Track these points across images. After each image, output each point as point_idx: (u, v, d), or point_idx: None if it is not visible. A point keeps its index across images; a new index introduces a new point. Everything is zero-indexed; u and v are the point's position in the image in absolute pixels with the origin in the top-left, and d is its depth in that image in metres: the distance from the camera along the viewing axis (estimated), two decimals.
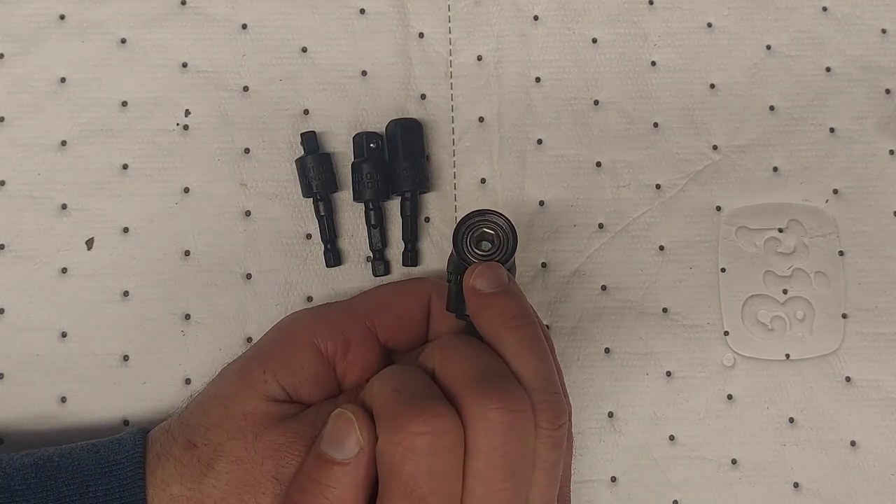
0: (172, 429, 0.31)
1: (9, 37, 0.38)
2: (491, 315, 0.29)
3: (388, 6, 0.40)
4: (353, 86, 0.39)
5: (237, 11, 0.39)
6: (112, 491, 0.29)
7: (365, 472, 0.27)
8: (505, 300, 0.29)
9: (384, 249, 0.37)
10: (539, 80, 0.40)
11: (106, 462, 0.30)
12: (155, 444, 0.31)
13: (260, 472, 0.29)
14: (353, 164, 0.37)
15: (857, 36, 0.41)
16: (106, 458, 0.30)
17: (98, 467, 0.30)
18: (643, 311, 0.38)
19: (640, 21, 0.40)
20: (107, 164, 0.38)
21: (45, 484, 0.29)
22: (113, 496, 0.29)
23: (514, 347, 0.28)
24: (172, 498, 0.29)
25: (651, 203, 0.39)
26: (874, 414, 0.37)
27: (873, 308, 0.38)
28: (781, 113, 0.40)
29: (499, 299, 0.29)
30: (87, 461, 0.30)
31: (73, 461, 0.30)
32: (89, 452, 0.31)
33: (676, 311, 0.38)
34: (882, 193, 0.39)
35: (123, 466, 0.30)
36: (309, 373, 0.31)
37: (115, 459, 0.30)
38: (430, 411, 0.25)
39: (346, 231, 0.38)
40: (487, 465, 0.25)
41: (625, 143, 0.39)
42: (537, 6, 0.40)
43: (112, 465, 0.30)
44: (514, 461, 0.26)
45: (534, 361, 0.28)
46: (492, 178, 0.39)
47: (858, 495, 0.37)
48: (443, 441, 0.25)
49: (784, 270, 0.38)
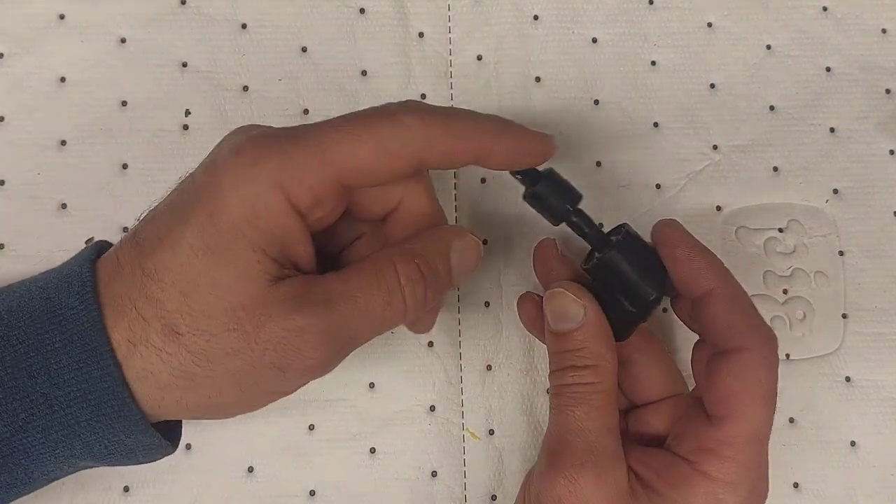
0: (137, 304, 0.26)
1: (9, 37, 0.38)
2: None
3: (388, 6, 0.40)
4: (353, 86, 0.39)
5: (237, 11, 0.39)
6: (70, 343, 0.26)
7: (599, 325, 0.30)
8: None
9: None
10: (539, 80, 0.40)
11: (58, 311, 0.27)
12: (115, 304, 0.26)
13: (261, 362, 0.26)
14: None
15: (857, 36, 0.41)
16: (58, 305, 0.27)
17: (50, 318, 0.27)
18: None
19: (640, 21, 0.40)
20: (107, 164, 0.38)
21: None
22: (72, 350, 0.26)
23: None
24: (160, 387, 0.26)
25: (651, 203, 0.39)
26: (874, 414, 0.37)
27: (873, 308, 0.38)
28: (781, 113, 0.40)
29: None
30: (40, 311, 0.27)
31: (24, 312, 0.27)
32: (39, 301, 0.27)
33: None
34: (882, 193, 0.39)
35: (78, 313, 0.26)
36: (295, 236, 0.27)
37: (67, 304, 0.27)
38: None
39: None
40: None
41: (625, 143, 0.39)
42: (537, 6, 0.40)
43: (66, 311, 0.26)
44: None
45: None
46: (492, 178, 0.39)
47: (858, 495, 0.37)
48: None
49: (784, 270, 0.38)
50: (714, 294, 0.30)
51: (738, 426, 0.28)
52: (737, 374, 0.29)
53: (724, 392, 0.29)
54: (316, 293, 0.26)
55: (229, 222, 0.26)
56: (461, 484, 0.36)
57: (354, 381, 0.37)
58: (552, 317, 0.31)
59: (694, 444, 0.29)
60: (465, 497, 0.36)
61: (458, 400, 0.37)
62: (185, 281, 0.26)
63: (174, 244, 0.26)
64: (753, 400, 0.28)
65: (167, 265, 0.26)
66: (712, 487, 0.28)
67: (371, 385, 0.37)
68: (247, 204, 0.26)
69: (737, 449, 0.28)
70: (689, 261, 0.30)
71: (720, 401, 0.29)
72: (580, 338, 0.30)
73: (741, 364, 0.29)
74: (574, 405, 0.30)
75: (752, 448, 0.29)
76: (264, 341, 0.26)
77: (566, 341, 0.30)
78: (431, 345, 0.37)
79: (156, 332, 0.26)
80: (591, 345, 0.30)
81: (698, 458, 0.29)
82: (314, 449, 0.36)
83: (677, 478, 0.29)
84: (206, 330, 0.26)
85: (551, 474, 0.29)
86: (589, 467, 0.28)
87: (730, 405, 0.28)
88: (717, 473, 0.28)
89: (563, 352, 0.30)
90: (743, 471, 0.28)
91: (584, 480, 0.28)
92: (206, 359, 0.26)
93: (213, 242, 0.26)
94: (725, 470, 0.28)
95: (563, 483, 0.28)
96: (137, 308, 0.26)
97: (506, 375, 0.37)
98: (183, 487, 0.36)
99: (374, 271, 0.27)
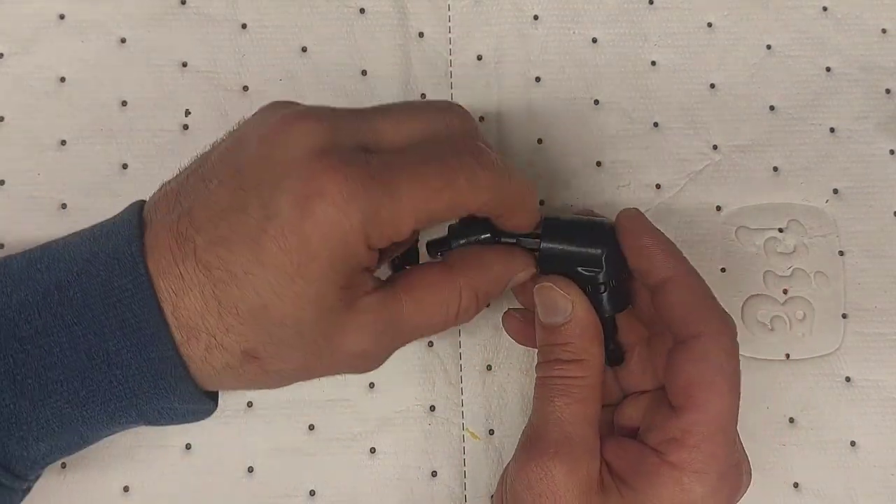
0: (217, 335, 0.27)
1: (9, 37, 0.38)
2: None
3: (388, 6, 0.40)
4: (353, 86, 0.39)
5: (237, 11, 0.39)
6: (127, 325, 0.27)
7: (587, 321, 0.31)
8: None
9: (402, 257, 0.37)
10: (539, 80, 0.40)
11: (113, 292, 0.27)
12: (181, 320, 0.27)
13: (328, 374, 0.29)
14: None
15: (857, 36, 0.41)
16: (109, 285, 0.27)
17: (105, 299, 0.27)
18: None
19: (640, 21, 0.40)
20: (107, 164, 0.38)
21: (51, 327, 0.27)
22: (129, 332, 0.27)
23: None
24: (219, 374, 0.27)
25: (651, 203, 0.39)
26: (874, 414, 0.37)
27: (873, 308, 0.38)
28: (781, 113, 0.40)
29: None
30: (92, 291, 0.27)
31: (75, 290, 0.27)
32: (89, 278, 0.27)
33: None
34: (882, 193, 0.39)
35: (132, 297, 0.26)
36: (367, 262, 0.28)
37: (121, 286, 0.27)
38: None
39: None
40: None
41: (625, 143, 0.39)
42: (537, 6, 0.40)
43: (120, 293, 0.26)
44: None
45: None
46: None
47: (858, 495, 0.37)
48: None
49: (784, 270, 0.38)
50: (672, 281, 0.30)
51: (700, 414, 0.28)
52: (695, 362, 0.29)
53: (685, 380, 0.29)
54: (388, 319, 0.28)
55: (317, 270, 0.26)
56: (461, 484, 0.36)
57: (354, 381, 0.37)
58: (542, 310, 0.31)
59: (661, 434, 0.29)
60: (465, 497, 0.36)
61: (458, 400, 0.37)
62: (267, 319, 0.26)
63: (254, 285, 0.26)
64: (714, 387, 0.28)
65: (248, 304, 0.26)
66: (678, 476, 0.28)
67: (371, 385, 0.37)
68: (334, 253, 0.26)
69: (700, 437, 0.28)
70: (648, 248, 0.30)
71: (681, 390, 0.29)
72: (568, 332, 0.30)
73: (699, 351, 0.29)
74: (555, 396, 0.30)
75: (717, 436, 0.28)
76: (338, 363, 0.28)
77: (554, 335, 0.31)
78: (431, 345, 0.37)
79: (234, 357, 0.27)
80: (578, 340, 0.30)
81: (665, 449, 0.29)
82: (314, 449, 0.36)
83: (646, 468, 0.29)
84: (287, 356, 0.27)
85: (525, 461, 0.29)
86: (562, 457, 0.29)
87: (690, 393, 0.28)
88: (682, 463, 0.28)
89: (550, 345, 0.31)
90: (709, 459, 0.28)
91: (556, 469, 0.29)
92: (280, 375, 0.28)
93: (298, 288, 0.26)
94: (691, 459, 0.28)
95: (534, 469, 0.29)
96: (217, 338, 0.27)
97: (506, 375, 0.37)
98: (183, 487, 0.36)
99: (445, 300, 0.29)
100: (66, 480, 0.35)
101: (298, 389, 0.36)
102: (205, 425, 0.36)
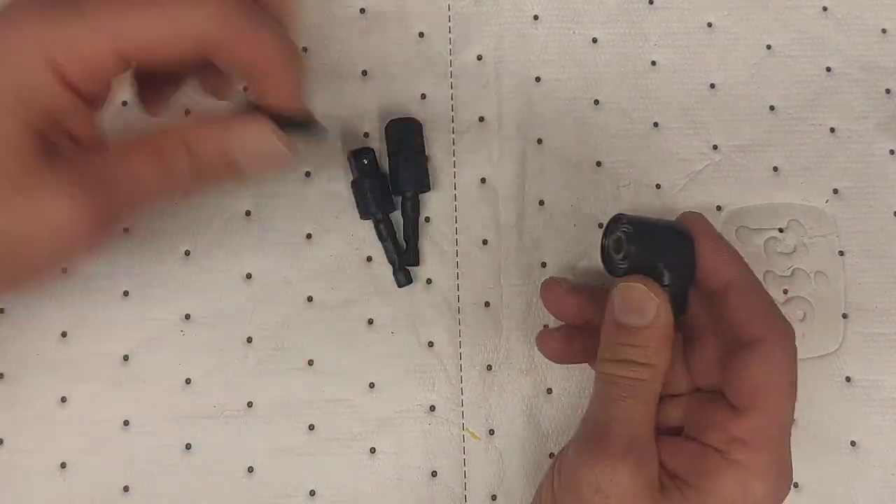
0: None
1: None
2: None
3: (388, 6, 0.40)
4: (353, 86, 0.39)
5: None
6: None
7: (668, 328, 0.30)
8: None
9: (402, 257, 0.37)
10: (539, 80, 0.40)
11: None
12: None
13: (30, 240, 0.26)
14: (353, 183, 0.37)
15: (857, 36, 0.41)
16: None
17: None
18: None
19: (640, 21, 0.40)
20: None
21: None
22: None
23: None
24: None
25: (651, 203, 0.39)
26: (874, 414, 0.37)
27: (873, 308, 0.38)
28: (781, 113, 0.40)
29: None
30: None
31: None
32: None
33: None
34: (882, 193, 0.39)
35: None
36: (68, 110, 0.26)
37: None
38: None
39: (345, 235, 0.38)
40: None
41: (625, 143, 0.39)
42: (537, 6, 0.40)
43: None
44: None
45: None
46: (492, 178, 0.39)
47: (858, 495, 0.37)
48: None
49: (784, 270, 0.38)
50: (735, 285, 0.30)
51: (766, 415, 0.29)
52: (761, 365, 0.29)
53: (751, 383, 0.29)
54: (91, 171, 0.26)
55: (2, 100, 0.24)
56: (461, 484, 0.36)
57: (354, 381, 0.37)
58: (623, 308, 0.30)
59: (723, 434, 0.29)
60: (465, 497, 0.36)
61: (458, 400, 0.37)
62: None
63: None
64: (779, 390, 0.29)
65: None
66: (742, 475, 0.29)
67: (371, 385, 0.37)
68: (12, 75, 0.24)
69: (766, 438, 0.29)
70: (713, 252, 0.31)
71: (746, 392, 0.29)
72: (647, 335, 0.30)
73: (765, 354, 0.29)
74: (625, 397, 0.30)
75: (779, 438, 0.29)
76: (37, 221, 0.25)
77: (631, 335, 0.30)
78: (431, 345, 0.37)
79: None
80: (656, 345, 0.30)
81: (728, 448, 0.29)
82: (314, 449, 0.36)
83: (708, 467, 0.29)
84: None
85: (592, 460, 0.29)
86: (632, 458, 0.29)
87: (756, 396, 0.29)
88: (747, 462, 0.29)
89: (624, 344, 0.30)
90: (772, 458, 0.29)
91: (624, 469, 0.28)
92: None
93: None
94: (755, 458, 0.29)
95: (603, 469, 0.29)
96: None
97: (506, 375, 0.37)
98: (183, 487, 0.36)
99: (152, 152, 0.27)
100: (66, 480, 0.35)
101: (298, 389, 0.36)
102: (205, 425, 0.36)
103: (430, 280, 0.38)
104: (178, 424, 0.36)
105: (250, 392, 0.36)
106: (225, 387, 0.36)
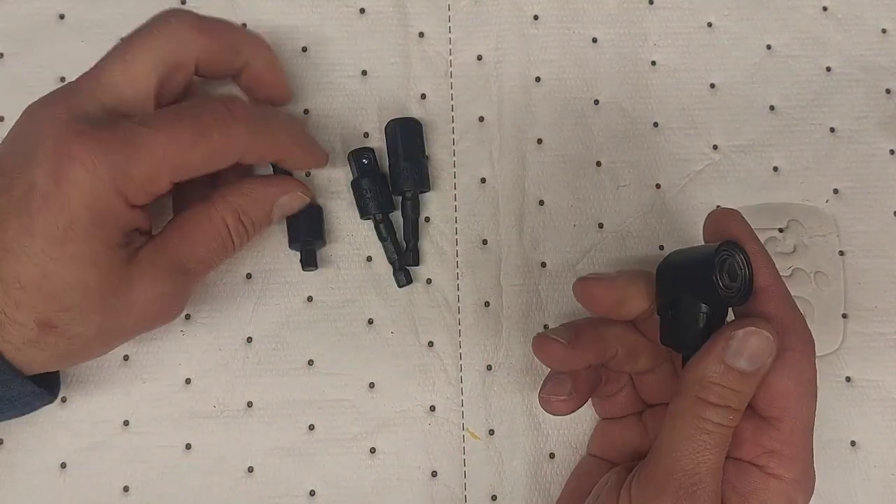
0: (7, 310, 0.29)
1: (9, 37, 0.38)
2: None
3: (388, 6, 0.40)
4: (353, 86, 0.39)
5: (237, 12, 0.39)
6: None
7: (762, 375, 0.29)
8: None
9: (402, 257, 0.37)
10: (539, 80, 0.40)
11: None
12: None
13: (133, 329, 0.32)
14: (353, 183, 0.37)
15: (857, 36, 0.41)
16: None
17: None
18: None
19: (640, 21, 0.40)
20: None
21: None
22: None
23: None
24: (32, 353, 0.29)
25: (651, 203, 0.39)
26: (874, 414, 0.37)
27: (873, 308, 0.38)
28: (781, 113, 0.40)
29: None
30: None
31: None
32: None
33: None
34: (882, 193, 0.39)
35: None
36: (133, 220, 0.31)
37: None
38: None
39: (343, 235, 0.38)
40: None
41: (625, 143, 0.39)
42: (537, 6, 0.40)
43: None
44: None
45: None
46: (492, 178, 0.39)
47: (858, 495, 0.37)
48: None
49: (784, 270, 0.38)
50: (769, 291, 0.30)
51: (796, 424, 0.28)
52: (790, 373, 0.28)
53: (780, 391, 0.28)
54: (169, 261, 0.32)
55: (83, 230, 0.29)
56: (461, 484, 0.36)
57: (354, 381, 0.37)
58: (739, 352, 0.28)
59: (756, 448, 0.29)
60: (465, 497, 0.36)
61: (458, 400, 0.37)
62: (51, 286, 0.29)
63: (30, 255, 0.28)
64: (806, 397, 0.29)
65: (29, 275, 0.28)
66: (785, 488, 0.28)
67: (371, 385, 0.37)
68: (94, 211, 0.29)
69: (798, 447, 0.29)
70: (757, 254, 0.30)
71: (775, 401, 0.29)
72: (752, 382, 0.28)
73: (793, 362, 0.29)
74: (714, 447, 0.28)
75: (808, 444, 0.29)
76: (136, 314, 0.31)
77: (739, 381, 0.28)
78: (431, 345, 0.37)
79: (31, 330, 0.29)
80: (750, 391, 0.28)
81: (766, 462, 0.28)
82: (314, 449, 0.36)
83: (751, 484, 0.28)
84: (83, 320, 0.29)
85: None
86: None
87: (787, 405, 0.28)
88: (786, 473, 0.28)
89: (730, 389, 0.28)
90: (806, 467, 0.29)
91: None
92: (84, 341, 0.30)
93: (70, 250, 0.29)
94: (792, 468, 0.28)
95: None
96: (8, 314, 0.28)
97: (506, 375, 0.37)
98: (183, 487, 0.36)
99: (211, 229, 0.33)
100: (66, 480, 0.35)
101: (298, 389, 0.36)
102: (205, 425, 0.36)
103: (430, 280, 0.38)
104: (178, 424, 0.36)
105: (250, 392, 0.36)
106: (225, 387, 0.36)
